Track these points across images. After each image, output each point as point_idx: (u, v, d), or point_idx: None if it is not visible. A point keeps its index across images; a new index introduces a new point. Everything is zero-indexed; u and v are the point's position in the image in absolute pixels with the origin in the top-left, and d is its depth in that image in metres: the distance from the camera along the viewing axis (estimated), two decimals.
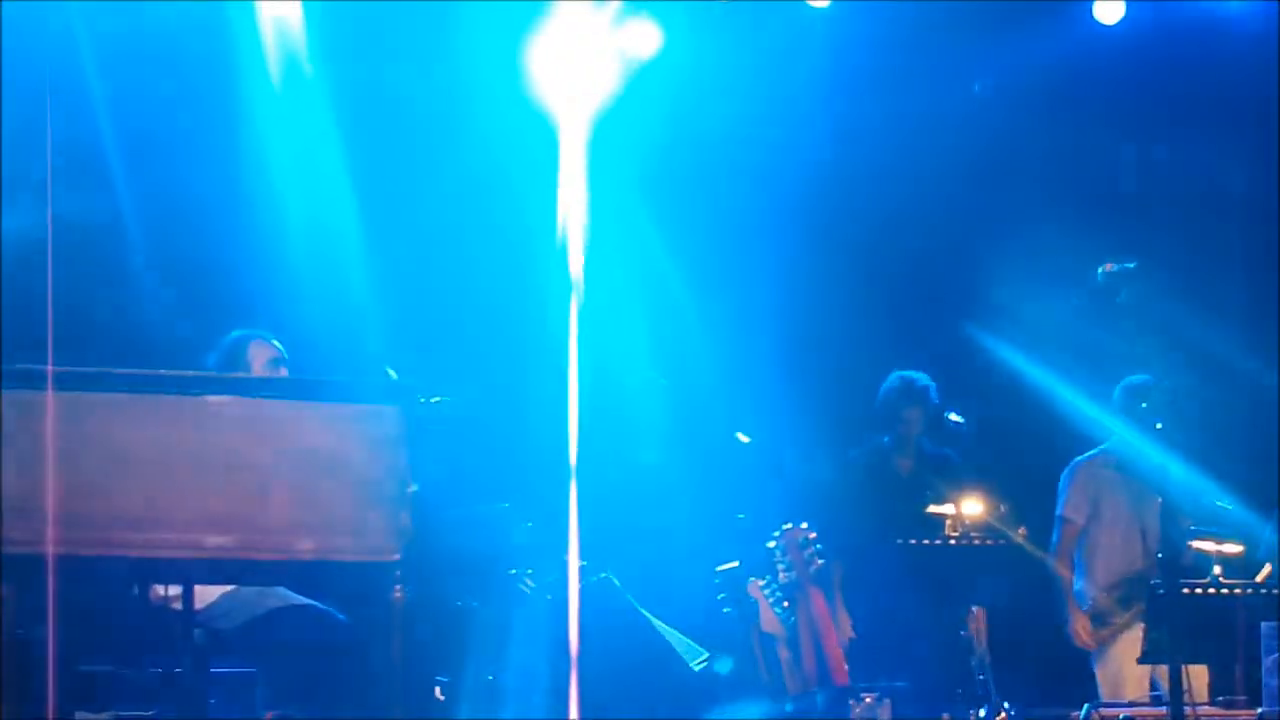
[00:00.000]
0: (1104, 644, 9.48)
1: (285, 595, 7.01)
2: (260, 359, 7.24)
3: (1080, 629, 9.53)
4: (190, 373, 6.80)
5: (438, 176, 10.31)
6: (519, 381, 10.81)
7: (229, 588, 6.91)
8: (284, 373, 7.25)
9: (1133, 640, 9.13)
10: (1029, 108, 11.31)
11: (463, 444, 6.94)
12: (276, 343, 7.34)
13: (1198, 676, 8.18)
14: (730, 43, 11.02)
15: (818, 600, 6.91)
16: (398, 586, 6.13)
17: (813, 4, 11.11)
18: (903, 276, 11.26)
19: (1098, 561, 9.65)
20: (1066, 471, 9.74)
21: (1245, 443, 10.22)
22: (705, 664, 7.14)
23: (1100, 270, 6.19)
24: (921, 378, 9.74)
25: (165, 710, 6.21)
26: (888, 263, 11.24)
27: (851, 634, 9.11)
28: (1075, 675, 9.55)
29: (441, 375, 6.94)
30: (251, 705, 7.04)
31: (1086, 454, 9.79)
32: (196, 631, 6.68)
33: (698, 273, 10.95)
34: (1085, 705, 7.42)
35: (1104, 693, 9.21)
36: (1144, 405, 6.05)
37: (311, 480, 6.10)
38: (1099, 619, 9.48)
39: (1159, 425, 5.95)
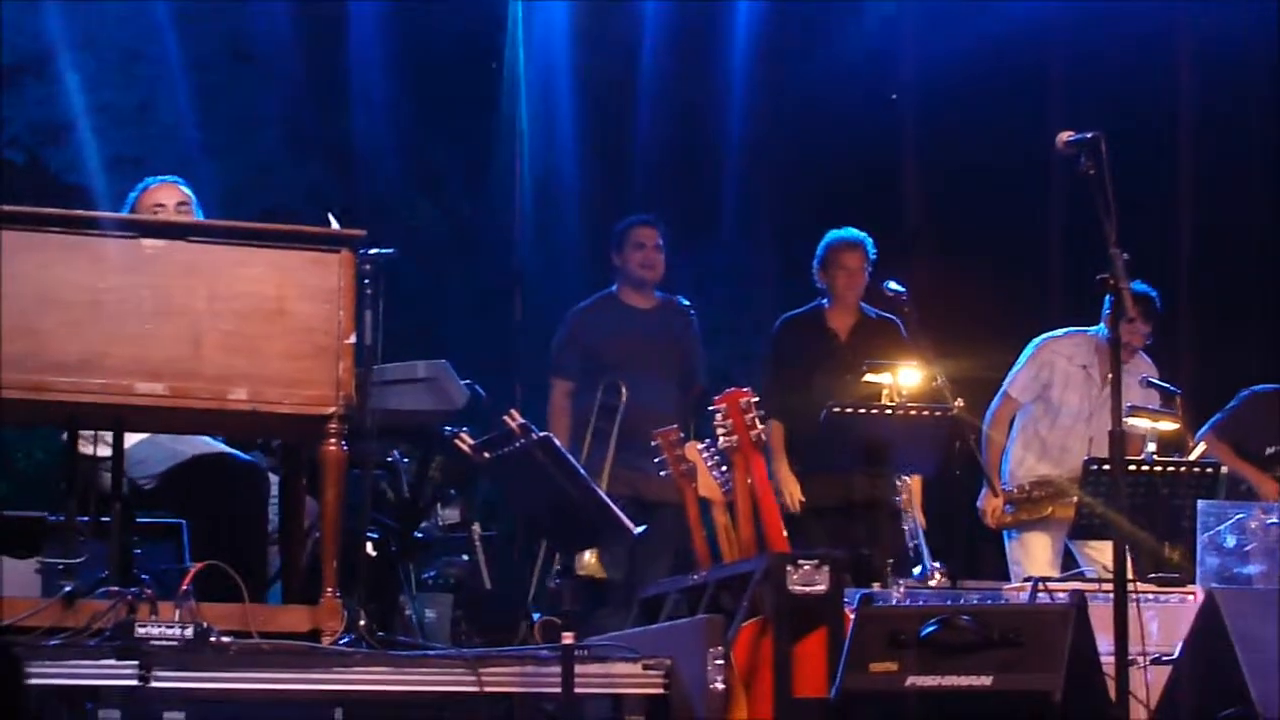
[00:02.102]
0: (1017, 529, 9.37)
1: (205, 443, 6.88)
2: (168, 204, 7.03)
3: (991, 509, 9.27)
4: (125, 215, 6.71)
5: None
6: (464, 239, 10.86)
7: (145, 435, 6.76)
8: (193, 215, 7.05)
9: (1040, 529, 9.18)
10: None
11: (404, 298, 6.81)
12: (185, 186, 7.14)
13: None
14: None
15: (758, 466, 6.81)
16: (332, 440, 6.06)
17: None
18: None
19: (1030, 454, 9.47)
20: (1030, 345, 9.50)
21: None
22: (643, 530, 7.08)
23: (1057, 140, 6.10)
24: (856, 231, 9.58)
25: (91, 560, 6.08)
26: None
27: (801, 498, 9.10)
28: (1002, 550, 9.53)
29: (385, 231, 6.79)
30: (180, 555, 6.94)
31: (1059, 333, 9.52)
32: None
33: None
34: (1033, 580, 7.39)
35: (1012, 570, 9.20)
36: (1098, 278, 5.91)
37: (247, 328, 6.04)
38: (1014, 505, 9.30)
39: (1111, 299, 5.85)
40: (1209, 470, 8.43)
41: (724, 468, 6.99)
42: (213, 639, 5.62)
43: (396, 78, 11.01)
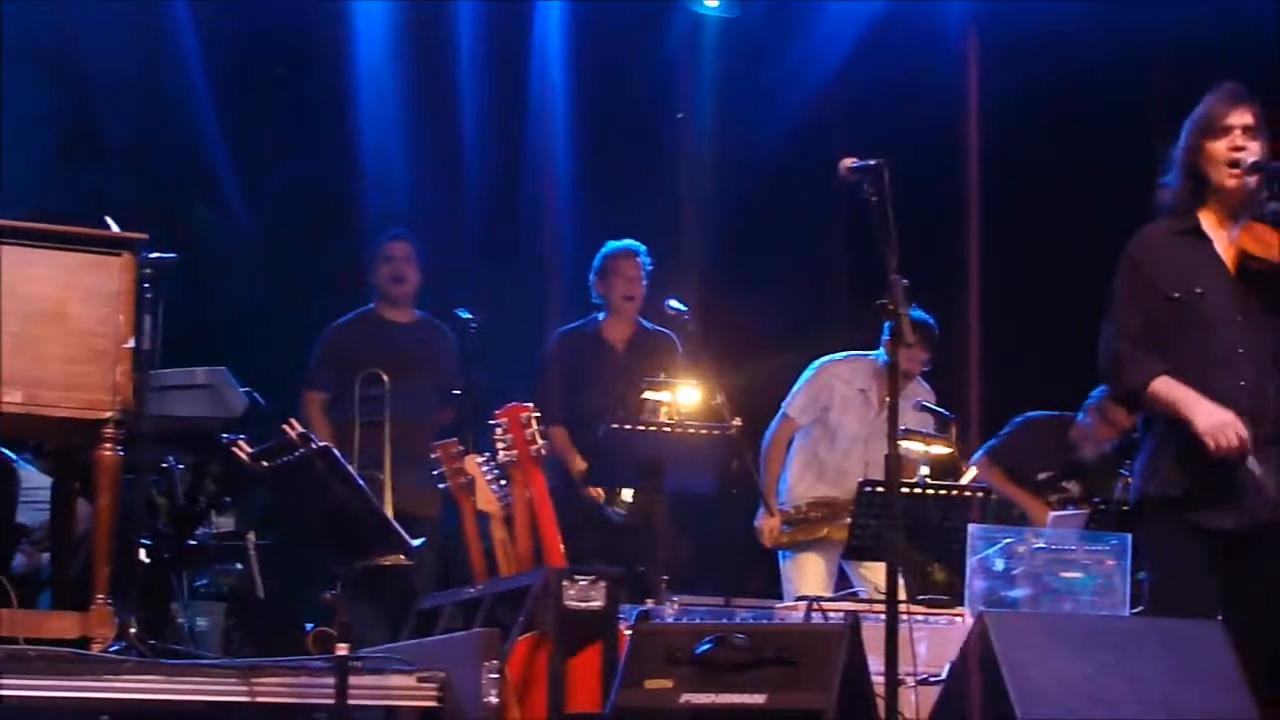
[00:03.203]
0: (791, 550, 9.47)
1: None
2: None
3: (768, 529, 9.31)
4: None
5: None
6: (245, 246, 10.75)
7: None
8: None
9: (816, 549, 9.28)
10: None
11: (185, 303, 6.74)
12: None
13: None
14: None
15: (537, 480, 6.85)
16: (108, 444, 5.98)
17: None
18: None
19: (809, 475, 9.53)
20: (809, 368, 9.57)
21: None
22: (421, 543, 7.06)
23: (840, 166, 6.16)
24: (634, 242, 9.66)
25: None
26: None
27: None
28: (775, 569, 9.61)
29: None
30: None
31: (838, 356, 9.58)
32: None
33: None
34: (808, 600, 7.47)
35: (786, 589, 9.29)
36: (878, 303, 5.99)
37: (25, 329, 5.93)
38: (791, 525, 9.37)
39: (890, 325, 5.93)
40: (980, 495, 8.57)
41: (503, 481, 7.02)
42: None
43: (187, 76, 10.88)
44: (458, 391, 9.11)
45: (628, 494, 9.05)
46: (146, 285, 6.31)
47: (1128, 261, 6.28)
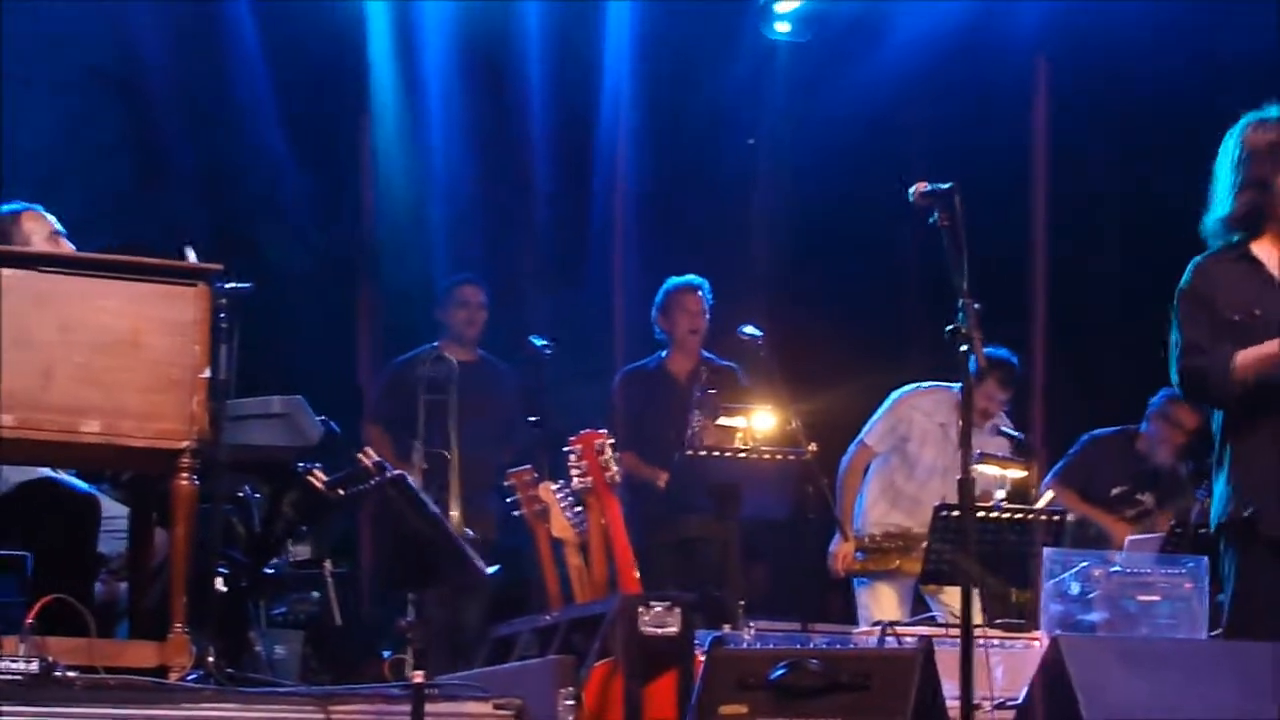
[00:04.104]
0: (866, 578, 9.43)
1: (36, 470, 6.79)
2: (38, 233, 6.97)
3: (841, 555, 9.28)
4: None
5: None
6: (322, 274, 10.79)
7: None
8: (65, 245, 6.98)
9: (892, 575, 9.26)
10: None
11: (260, 333, 6.76)
12: (50, 216, 7.08)
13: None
14: None
15: (612, 507, 6.85)
16: (184, 474, 6.01)
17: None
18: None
19: (884, 502, 9.50)
20: (890, 397, 9.54)
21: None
22: (498, 570, 7.09)
23: (911, 191, 6.16)
24: (696, 277, 9.70)
25: None
26: None
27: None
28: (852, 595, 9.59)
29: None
30: (23, 587, 6.84)
31: (920, 386, 9.54)
32: None
33: None
34: (882, 625, 7.47)
35: (861, 616, 9.26)
36: (949, 329, 5.99)
37: (100, 360, 5.95)
38: (864, 553, 9.35)
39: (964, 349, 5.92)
40: (1055, 518, 8.55)
41: (578, 508, 7.03)
42: (58, 674, 5.54)
43: (262, 104, 10.96)
44: (534, 419, 9.16)
45: None
46: (222, 314, 6.32)
47: (1186, 293, 6.24)
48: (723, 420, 8.76)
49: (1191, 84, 10.81)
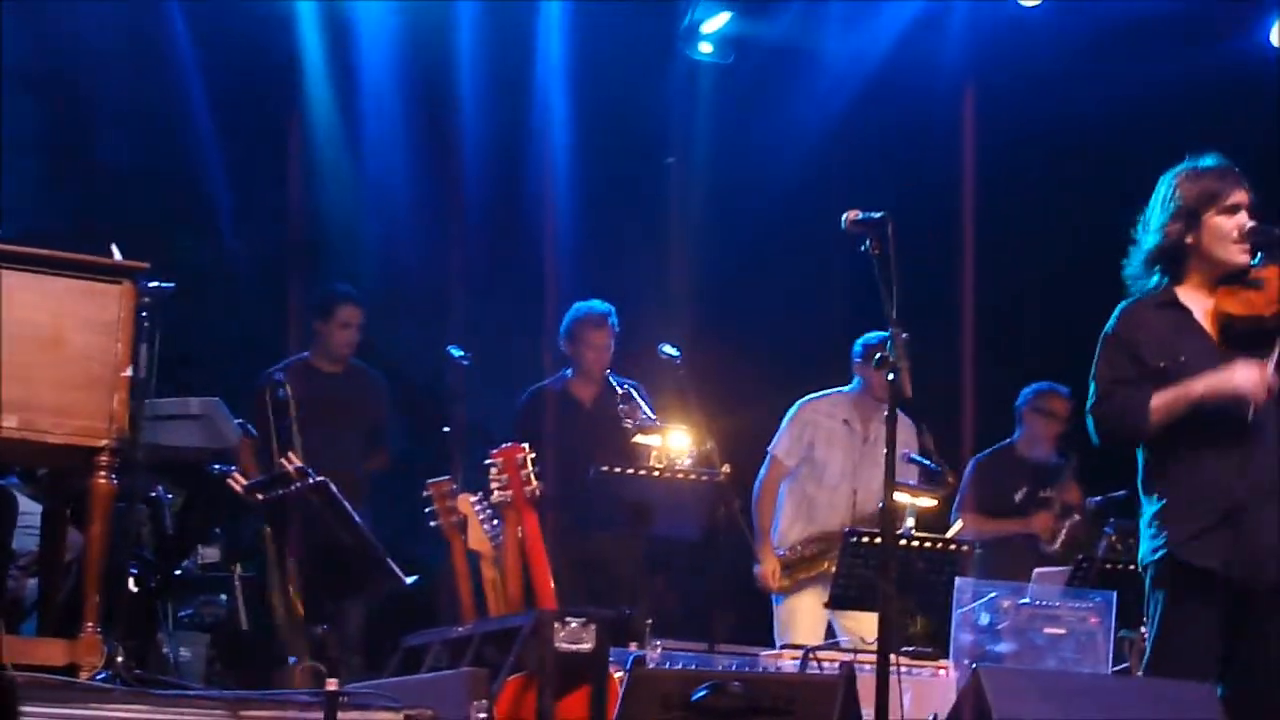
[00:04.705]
0: (782, 593, 9.52)
1: None
2: None
3: (769, 573, 9.44)
4: None
5: None
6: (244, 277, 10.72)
7: None
8: None
9: (813, 589, 9.28)
10: None
11: (180, 333, 6.71)
12: None
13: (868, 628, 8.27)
14: None
15: (530, 522, 6.85)
16: (102, 472, 5.95)
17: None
18: None
19: (801, 516, 9.62)
20: (791, 409, 9.71)
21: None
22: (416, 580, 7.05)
23: (844, 218, 6.17)
24: (604, 304, 9.72)
25: None
26: None
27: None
28: (766, 616, 9.62)
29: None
30: None
31: (816, 395, 9.72)
32: None
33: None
34: (805, 649, 7.49)
35: (778, 633, 9.33)
36: (878, 358, 6.01)
37: (21, 355, 5.87)
38: (790, 568, 9.49)
39: (890, 377, 5.94)
40: (964, 548, 8.60)
41: (495, 521, 7.02)
42: None
43: (173, 100, 10.88)
44: (446, 429, 9.14)
45: None
46: (144, 314, 6.27)
47: (1110, 338, 6.28)
48: (638, 438, 8.75)
49: (1116, 115, 10.94)
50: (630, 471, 8.41)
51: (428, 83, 11.20)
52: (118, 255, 6.11)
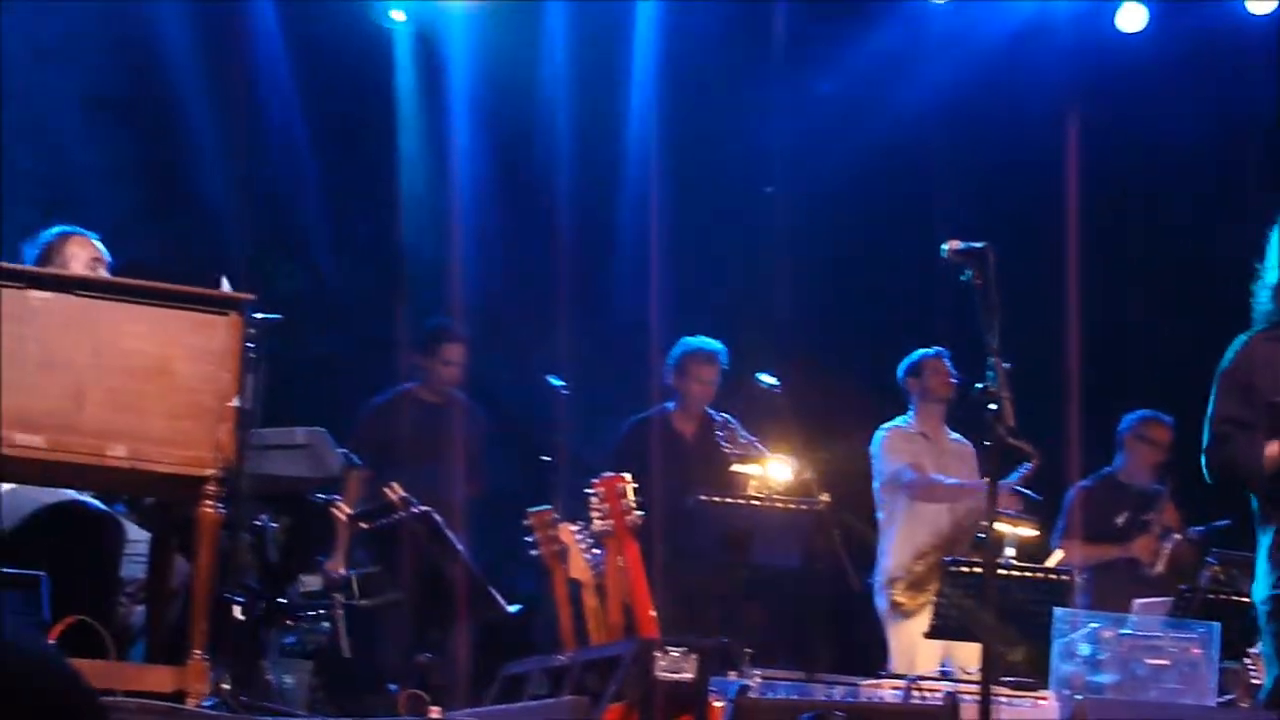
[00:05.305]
0: (905, 616, 9.54)
1: (61, 492, 6.80)
2: (80, 258, 7.02)
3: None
4: (13, 265, 6.63)
5: None
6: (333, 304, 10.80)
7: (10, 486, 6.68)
8: (104, 273, 7.03)
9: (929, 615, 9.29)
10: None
11: (288, 364, 6.78)
12: (98, 242, 7.12)
13: (973, 657, 8.26)
14: None
15: (631, 550, 6.86)
16: (209, 501, 6.01)
17: None
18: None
19: (906, 536, 9.71)
20: (877, 444, 9.75)
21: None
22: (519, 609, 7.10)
23: (944, 248, 6.17)
24: (716, 342, 9.76)
25: None
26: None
27: None
28: (866, 644, 9.61)
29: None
30: (39, 607, 6.84)
31: (887, 426, 9.82)
32: None
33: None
34: (905, 678, 7.48)
35: (895, 665, 9.30)
36: (977, 388, 6.01)
37: (131, 385, 5.95)
38: (916, 586, 9.53)
39: (992, 408, 5.92)
40: (1065, 577, 8.57)
41: (596, 550, 7.04)
42: None
43: (271, 132, 10.99)
44: (546, 458, 9.19)
45: None
46: (251, 344, 6.34)
47: (1226, 373, 6.24)
48: (737, 467, 8.78)
49: (1220, 140, 10.88)
50: (729, 500, 8.45)
51: (520, 108, 11.25)
52: (227, 287, 6.18)
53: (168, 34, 10.64)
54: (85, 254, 7.03)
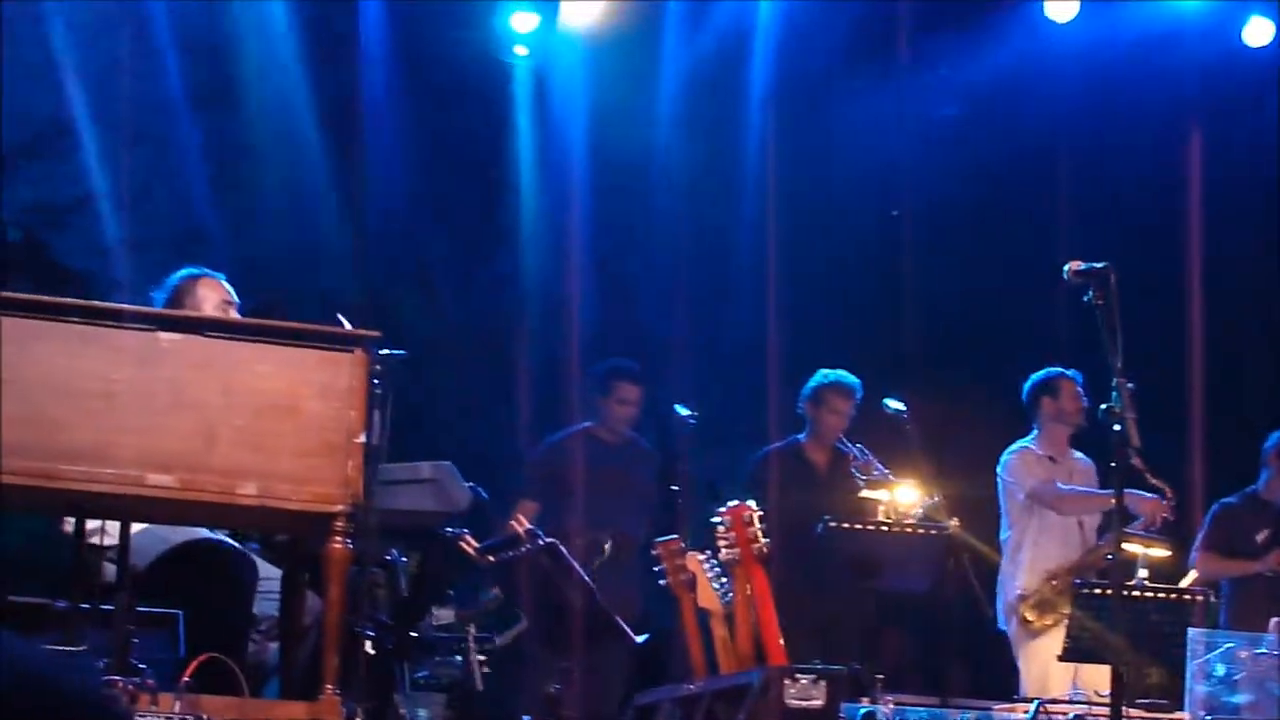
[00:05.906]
0: (1034, 636, 9.49)
1: (193, 530, 6.89)
2: (211, 300, 7.12)
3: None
4: (144, 308, 6.74)
5: None
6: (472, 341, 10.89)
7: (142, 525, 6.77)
8: (234, 314, 7.13)
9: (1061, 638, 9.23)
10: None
11: (411, 399, 6.84)
12: (227, 284, 7.22)
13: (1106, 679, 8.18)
14: None
15: (759, 579, 6.88)
16: (338, 537, 6.07)
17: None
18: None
19: (1039, 545, 9.68)
20: (1004, 466, 9.73)
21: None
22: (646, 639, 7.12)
23: (1066, 269, 6.17)
24: (853, 377, 9.80)
25: (92, 648, 6.10)
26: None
27: None
28: (997, 668, 9.56)
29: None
30: (175, 644, 6.93)
31: (1013, 449, 9.79)
32: (109, 568, 6.57)
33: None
34: (1035, 701, 7.43)
35: (1028, 688, 9.24)
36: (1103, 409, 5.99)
37: (259, 424, 6.02)
38: (1045, 606, 9.49)
39: (1117, 428, 5.91)
40: (1200, 598, 8.49)
41: (724, 579, 7.05)
42: None
43: (402, 177, 11.10)
44: (674, 488, 9.24)
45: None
46: (377, 381, 6.39)
47: None
48: (865, 493, 8.78)
49: None
50: (858, 526, 8.44)
51: (636, 141, 11.31)
52: (347, 325, 6.25)
53: (290, 71, 10.76)
54: (215, 296, 7.14)
